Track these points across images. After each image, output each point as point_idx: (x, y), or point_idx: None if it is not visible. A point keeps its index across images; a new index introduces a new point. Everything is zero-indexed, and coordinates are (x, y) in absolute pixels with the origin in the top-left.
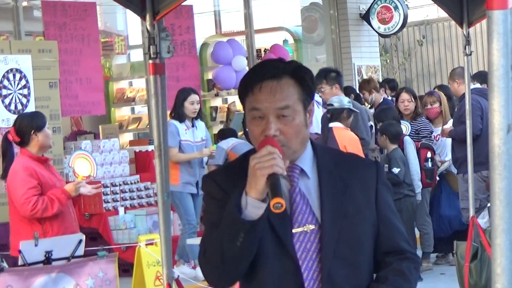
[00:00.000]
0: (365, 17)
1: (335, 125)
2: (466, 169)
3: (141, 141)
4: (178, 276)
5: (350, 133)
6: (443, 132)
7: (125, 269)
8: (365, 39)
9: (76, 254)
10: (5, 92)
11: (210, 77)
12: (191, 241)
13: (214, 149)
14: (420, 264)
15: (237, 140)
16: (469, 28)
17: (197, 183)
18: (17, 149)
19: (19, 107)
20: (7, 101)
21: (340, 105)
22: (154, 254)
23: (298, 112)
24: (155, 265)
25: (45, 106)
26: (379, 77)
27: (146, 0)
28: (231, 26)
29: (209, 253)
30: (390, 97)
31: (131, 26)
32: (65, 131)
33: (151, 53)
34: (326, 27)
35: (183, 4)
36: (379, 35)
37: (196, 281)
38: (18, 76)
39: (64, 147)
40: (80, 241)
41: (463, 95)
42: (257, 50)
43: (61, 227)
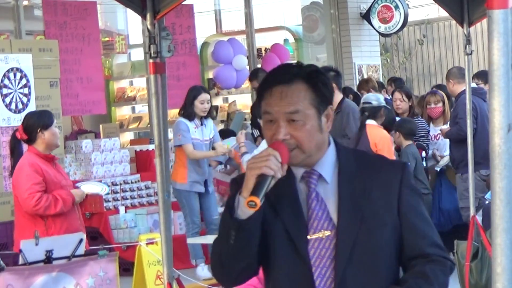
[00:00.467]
0: (366, 16)
1: (370, 122)
2: (463, 169)
3: (142, 140)
4: (178, 275)
5: (382, 131)
6: (442, 132)
7: (126, 268)
8: (366, 39)
9: (76, 253)
10: (5, 91)
11: (210, 76)
12: (192, 240)
13: (229, 147)
14: (451, 268)
15: None
16: (469, 27)
17: (206, 182)
18: (25, 147)
19: (20, 106)
20: (7, 100)
21: (378, 103)
22: (154, 253)
23: (309, 116)
24: (155, 264)
25: (45, 105)
26: (380, 76)
27: None
28: (232, 25)
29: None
30: (390, 97)
31: (132, 25)
32: (66, 130)
33: (152, 52)
34: (326, 26)
35: (183, 3)
36: (380, 34)
37: (196, 280)
38: (18, 75)
39: (64, 146)
40: (80, 240)
41: (458, 95)
42: (257, 49)
43: (64, 224)
